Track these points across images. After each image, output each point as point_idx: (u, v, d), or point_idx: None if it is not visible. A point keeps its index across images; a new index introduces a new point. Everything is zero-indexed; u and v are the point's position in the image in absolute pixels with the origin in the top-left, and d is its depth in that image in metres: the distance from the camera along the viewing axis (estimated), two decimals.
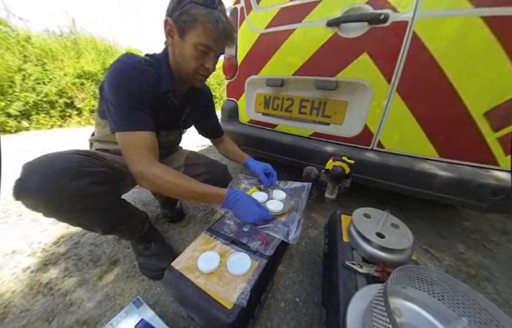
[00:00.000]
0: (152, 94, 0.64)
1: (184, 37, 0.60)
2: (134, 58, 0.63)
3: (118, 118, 0.59)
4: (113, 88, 0.59)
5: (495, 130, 0.72)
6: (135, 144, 0.59)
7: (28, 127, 2.90)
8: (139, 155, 0.59)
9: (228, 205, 0.66)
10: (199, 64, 0.63)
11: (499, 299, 0.76)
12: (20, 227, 1.02)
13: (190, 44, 0.60)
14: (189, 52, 0.61)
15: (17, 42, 3.01)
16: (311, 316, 0.66)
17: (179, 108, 0.77)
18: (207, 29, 0.58)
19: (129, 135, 0.59)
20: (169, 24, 0.60)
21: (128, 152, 0.60)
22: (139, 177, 0.60)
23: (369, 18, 0.82)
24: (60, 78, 3.18)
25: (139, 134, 0.60)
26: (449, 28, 0.71)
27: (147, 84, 0.62)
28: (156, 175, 0.59)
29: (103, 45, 4.14)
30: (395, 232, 0.56)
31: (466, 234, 1.11)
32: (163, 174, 0.60)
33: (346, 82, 0.94)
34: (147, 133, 0.61)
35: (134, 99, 0.60)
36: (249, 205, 0.67)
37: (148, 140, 0.61)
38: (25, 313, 0.64)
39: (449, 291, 0.39)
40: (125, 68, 0.60)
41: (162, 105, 0.69)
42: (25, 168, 0.52)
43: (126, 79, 0.59)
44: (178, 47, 0.63)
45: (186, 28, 0.59)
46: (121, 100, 0.59)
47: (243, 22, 1.20)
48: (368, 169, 0.93)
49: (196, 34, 0.59)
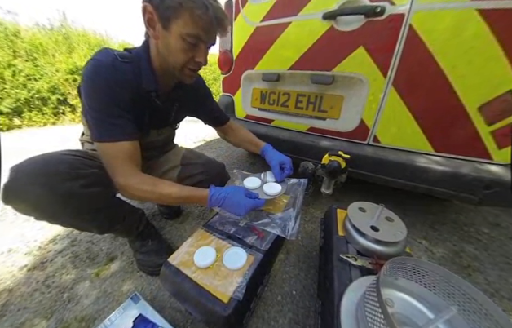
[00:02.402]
0: (132, 93, 0.58)
1: (169, 28, 0.52)
2: (110, 54, 0.56)
3: (95, 127, 0.56)
4: (88, 93, 0.54)
5: (489, 124, 0.73)
6: (113, 154, 0.56)
7: (21, 125, 2.85)
8: (117, 166, 0.57)
9: (215, 204, 0.63)
10: (188, 57, 0.56)
11: (489, 289, 0.79)
12: (16, 225, 1.01)
13: (176, 35, 0.52)
14: (176, 45, 0.54)
15: (5, 36, 2.92)
16: (308, 308, 0.67)
17: (166, 105, 0.72)
18: (195, 16, 0.50)
19: (106, 146, 0.56)
20: (148, 12, 0.52)
21: (107, 164, 0.58)
22: (119, 188, 0.59)
23: (366, 11, 0.81)
24: (52, 74, 3.11)
25: (117, 145, 0.56)
26: (445, 21, 0.71)
27: (125, 83, 0.56)
28: (134, 188, 0.57)
29: (96, 39, 4.05)
30: (389, 226, 0.57)
31: (459, 227, 1.14)
32: (139, 185, 0.58)
33: (342, 77, 0.94)
34: (125, 143, 0.57)
35: (110, 103, 0.55)
36: (238, 199, 0.62)
37: (126, 150, 0.57)
38: (23, 311, 0.64)
39: (440, 282, 0.40)
40: (100, 69, 0.53)
41: (146, 104, 0.64)
42: (13, 171, 0.49)
43: (101, 82, 0.53)
44: (162, 40, 0.55)
45: (170, 16, 0.50)
46: (97, 106, 0.54)
47: (238, 15, 1.18)
48: (364, 163, 0.93)
49: (182, 23, 0.51)
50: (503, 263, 0.91)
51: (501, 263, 0.91)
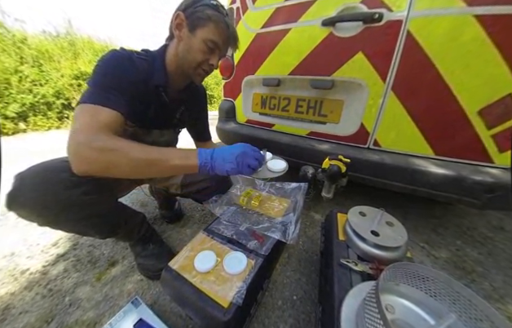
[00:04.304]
0: (141, 85, 0.62)
1: (194, 32, 0.62)
2: (128, 50, 0.62)
3: (86, 94, 0.52)
4: (96, 70, 0.55)
5: (489, 127, 0.73)
6: (91, 115, 0.49)
7: (26, 129, 2.90)
8: (88, 126, 0.47)
9: (204, 157, 0.55)
10: (204, 58, 0.64)
11: (495, 295, 0.77)
12: (19, 229, 1.02)
13: (200, 38, 0.62)
14: (197, 46, 0.62)
15: (13, 43, 3.00)
16: (309, 314, 0.67)
17: (172, 105, 0.75)
18: (219, 28, 0.62)
19: (88, 107, 0.50)
20: (180, 18, 0.62)
21: (79, 120, 0.48)
22: (71, 152, 0.46)
23: (364, 17, 0.82)
24: (57, 79, 3.18)
25: (100, 108, 0.50)
26: (443, 26, 0.71)
27: (137, 73, 0.61)
28: (93, 144, 0.45)
29: (100, 45, 4.13)
30: (390, 230, 0.57)
31: (462, 231, 1.12)
32: (102, 142, 0.47)
33: (341, 81, 0.95)
34: (110, 111, 0.51)
35: (115, 80, 0.55)
36: (227, 149, 0.57)
37: (108, 118, 0.51)
38: (24, 315, 0.65)
39: (442, 288, 0.39)
40: (116, 54, 0.59)
41: (153, 99, 0.68)
42: (17, 179, 0.51)
43: (113, 64, 0.57)
44: (185, 40, 0.63)
45: (198, 24, 0.61)
46: (99, 81, 0.54)
47: (239, 22, 1.20)
48: (364, 167, 0.93)
49: (207, 30, 0.61)
50: (508, 268, 0.90)
51: (506, 268, 0.90)
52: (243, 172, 0.58)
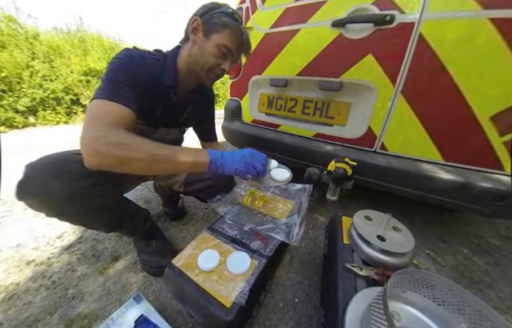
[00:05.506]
0: (152, 84, 0.63)
1: (209, 36, 0.63)
2: (139, 50, 0.64)
3: (99, 90, 0.53)
4: (110, 67, 0.57)
5: (501, 134, 0.71)
6: (109, 110, 0.51)
7: (35, 123, 2.96)
8: (101, 121, 0.48)
9: (216, 164, 0.58)
10: (217, 62, 0.66)
11: (502, 306, 0.75)
12: (25, 221, 1.04)
13: (214, 43, 0.63)
14: (210, 50, 0.64)
15: (26, 39, 3.07)
16: (310, 317, 0.66)
17: (180, 105, 0.76)
18: (234, 35, 0.64)
19: (102, 103, 0.51)
20: (196, 22, 0.64)
21: (93, 115, 0.49)
22: (85, 146, 0.46)
23: (375, 19, 0.81)
24: (67, 75, 3.23)
25: (113, 105, 0.52)
26: (456, 30, 0.70)
27: (148, 72, 0.62)
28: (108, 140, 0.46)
29: (110, 42, 4.19)
30: (397, 236, 0.55)
31: (469, 239, 1.10)
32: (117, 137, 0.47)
33: (350, 84, 0.93)
34: (123, 108, 0.53)
35: (128, 78, 0.56)
36: (236, 151, 0.61)
37: (120, 114, 0.52)
38: (28, 305, 0.66)
39: (450, 296, 0.38)
40: (129, 53, 0.60)
41: (162, 98, 0.69)
42: (27, 169, 0.52)
43: (127, 62, 0.59)
44: (199, 43, 0.65)
45: (214, 29, 0.63)
46: (112, 77, 0.56)
47: (248, 21, 1.20)
48: (370, 171, 0.92)
49: (222, 36, 0.63)
50: None
51: None
52: (249, 173, 0.60)
